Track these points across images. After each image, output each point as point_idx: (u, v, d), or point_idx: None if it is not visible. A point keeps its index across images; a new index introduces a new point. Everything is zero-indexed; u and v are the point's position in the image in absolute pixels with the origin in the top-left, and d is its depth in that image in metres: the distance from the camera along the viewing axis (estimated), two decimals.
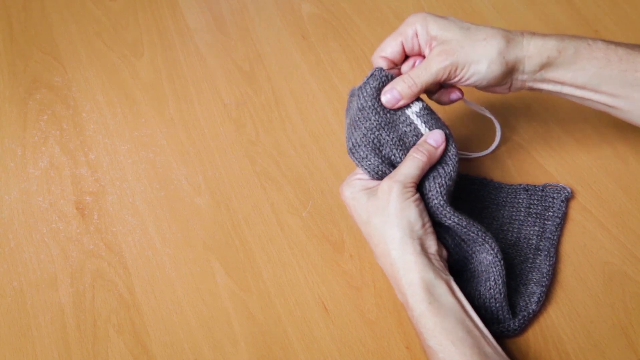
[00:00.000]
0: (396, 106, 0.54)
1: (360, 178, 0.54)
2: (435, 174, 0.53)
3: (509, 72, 0.54)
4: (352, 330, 0.56)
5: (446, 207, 0.52)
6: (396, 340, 0.55)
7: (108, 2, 0.83)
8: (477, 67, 0.52)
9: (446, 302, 0.49)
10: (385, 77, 0.54)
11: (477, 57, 0.52)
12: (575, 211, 0.61)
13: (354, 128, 0.54)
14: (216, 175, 0.66)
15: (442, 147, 0.53)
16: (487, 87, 0.55)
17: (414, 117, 0.54)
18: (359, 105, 0.54)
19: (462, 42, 0.52)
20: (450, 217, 0.52)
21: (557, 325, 0.55)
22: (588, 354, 0.53)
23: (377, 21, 0.78)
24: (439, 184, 0.52)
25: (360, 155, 0.53)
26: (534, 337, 0.54)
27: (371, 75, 0.54)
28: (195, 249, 0.62)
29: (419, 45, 0.55)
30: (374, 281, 0.58)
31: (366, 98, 0.53)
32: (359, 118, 0.54)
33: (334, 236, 0.61)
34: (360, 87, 0.54)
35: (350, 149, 0.54)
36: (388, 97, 0.53)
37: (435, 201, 0.52)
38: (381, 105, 0.54)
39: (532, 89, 0.57)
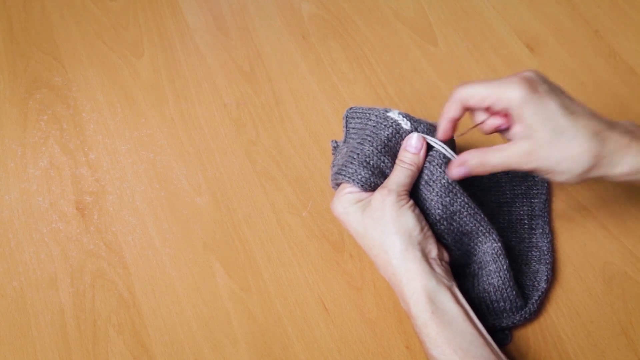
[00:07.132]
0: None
1: (350, 192, 0.53)
2: (430, 158, 0.53)
3: (595, 169, 0.49)
4: (352, 330, 0.56)
5: (455, 184, 0.52)
6: (396, 340, 0.55)
7: (108, 2, 0.83)
8: (562, 175, 0.48)
9: (449, 310, 0.48)
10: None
11: (564, 167, 0.48)
12: (575, 211, 0.61)
13: (339, 159, 0.56)
14: (216, 175, 0.66)
15: (424, 150, 0.52)
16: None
17: (397, 117, 0.54)
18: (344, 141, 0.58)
19: (549, 148, 0.47)
20: (460, 196, 0.52)
21: (557, 325, 0.55)
22: (588, 354, 0.53)
23: (377, 21, 0.78)
24: (437, 164, 0.52)
25: (349, 172, 0.53)
26: (534, 337, 0.54)
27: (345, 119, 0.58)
28: (195, 248, 0.62)
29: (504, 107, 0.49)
30: (374, 281, 0.58)
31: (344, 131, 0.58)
32: (344, 149, 0.56)
33: (334, 236, 0.61)
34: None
35: (337, 172, 0.54)
36: (462, 171, 0.50)
37: (443, 180, 0.51)
38: (358, 125, 0.56)
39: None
